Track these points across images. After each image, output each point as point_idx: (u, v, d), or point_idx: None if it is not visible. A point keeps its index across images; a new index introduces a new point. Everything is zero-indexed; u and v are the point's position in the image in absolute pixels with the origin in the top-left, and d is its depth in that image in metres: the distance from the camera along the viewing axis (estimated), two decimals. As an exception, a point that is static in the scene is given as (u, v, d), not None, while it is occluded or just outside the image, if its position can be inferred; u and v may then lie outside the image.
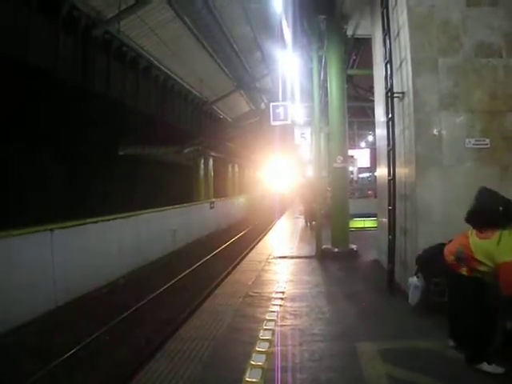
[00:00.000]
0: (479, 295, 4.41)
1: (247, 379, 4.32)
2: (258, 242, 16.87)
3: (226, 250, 18.85)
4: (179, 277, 13.32)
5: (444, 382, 4.13)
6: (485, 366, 4.33)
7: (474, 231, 4.54)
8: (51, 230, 10.05)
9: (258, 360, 4.76)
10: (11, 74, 11.22)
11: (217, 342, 5.38)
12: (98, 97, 16.21)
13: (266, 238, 16.99)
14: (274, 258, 11.20)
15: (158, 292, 11.62)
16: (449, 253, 4.73)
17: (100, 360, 7.65)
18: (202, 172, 26.49)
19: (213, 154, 27.30)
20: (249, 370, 4.52)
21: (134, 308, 10.17)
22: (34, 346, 7.92)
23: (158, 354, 5.25)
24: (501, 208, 4.41)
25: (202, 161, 26.32)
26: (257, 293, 7.75)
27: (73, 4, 13.90)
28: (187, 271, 14.13)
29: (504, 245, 4.20)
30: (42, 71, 12.77)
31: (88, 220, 11.68)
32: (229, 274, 11.25)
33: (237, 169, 38.24)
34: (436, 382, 4.14)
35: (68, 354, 7.53)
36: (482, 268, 4.33)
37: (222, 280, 10.87)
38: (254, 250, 13.62)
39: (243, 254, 15.55)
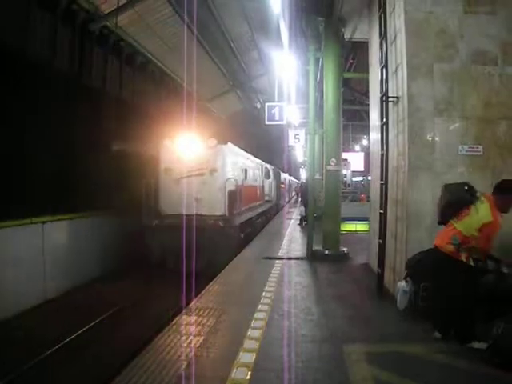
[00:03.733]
0: (473, 281, 5.13)
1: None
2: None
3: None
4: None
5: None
6: (476, 344, 4.98)
7: (455, 218, 5.25)
8: None
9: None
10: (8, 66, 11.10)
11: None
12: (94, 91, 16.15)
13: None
14: (264, 258, 11.17)
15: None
16: (446, 243, 5.24)
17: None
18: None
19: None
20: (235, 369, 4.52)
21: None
22: None
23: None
24: (466, 187, 5.27)
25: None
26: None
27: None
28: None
29: (481, 212, 5.01)
30: (39, 64, 12.65)
31: None
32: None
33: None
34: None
35: None
36: (475, 243, 5.04)
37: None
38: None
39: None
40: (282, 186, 37.76)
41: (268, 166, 25.44)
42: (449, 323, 5.30)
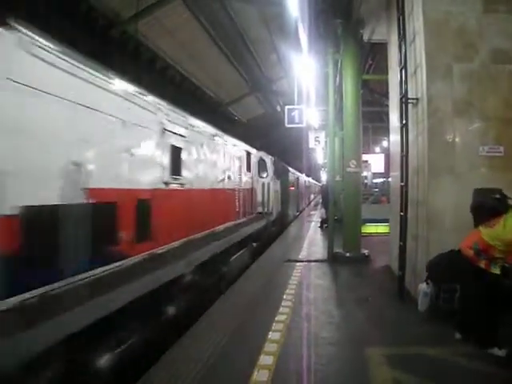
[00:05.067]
0: (493, 288, 4.94)
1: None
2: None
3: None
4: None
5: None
6: (495, 351, 4.86)
7: (483, 225, 5.14)
8: None
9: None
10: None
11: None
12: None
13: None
14: (286, 261, 11.16)
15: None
16: (467, 247, 5.22)
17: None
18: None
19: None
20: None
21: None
22: None
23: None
24: (498, 196, 5.19)
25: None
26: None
27: (91, 5, 14.03)
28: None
29: (509, 226, 4.85)
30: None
31: None
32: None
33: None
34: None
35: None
36: (498, 254, 4.94)
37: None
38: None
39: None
40: (292, 188, 25.61)
41: (264, 155, 16.59)
42: (469, 326, 5.24)
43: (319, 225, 20.13)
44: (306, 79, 16.04)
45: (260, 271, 10.04)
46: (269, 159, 16.69)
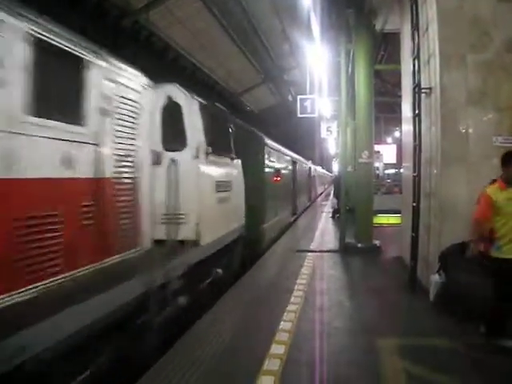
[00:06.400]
0: (498, 274, 4.84)
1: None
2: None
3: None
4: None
5: (462, 381, 4.12)
6: (504, 342, 4.80)
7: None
8: None
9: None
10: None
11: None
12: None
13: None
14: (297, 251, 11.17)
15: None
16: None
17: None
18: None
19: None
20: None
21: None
22: None
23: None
24: None
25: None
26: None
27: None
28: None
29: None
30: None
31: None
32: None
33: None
34: (454, 380, 4.13)
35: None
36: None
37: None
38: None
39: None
40: (277, 178, 14.86)
41: (174, 90, 6.47)
42: (477, 316, 5.20)
43: (331, 215, 19.99)
44: (318, 69, 16.00)
45: (273, 260, 10.05)
46: (193, 103, 6.68)
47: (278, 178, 14.93)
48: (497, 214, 4.88)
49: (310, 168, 29.70)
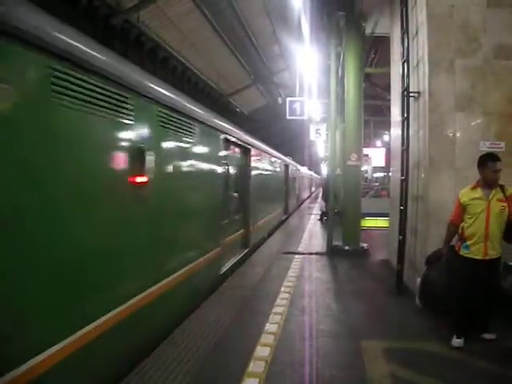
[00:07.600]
0: (466, 273, 5.02)
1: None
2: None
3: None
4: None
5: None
6: (487, 335, 5.14)
7: None
8: None
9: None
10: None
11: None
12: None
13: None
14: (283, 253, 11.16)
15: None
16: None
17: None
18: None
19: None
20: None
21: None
22: None
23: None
24: None
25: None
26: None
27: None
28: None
29: None
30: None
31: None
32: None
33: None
34: (439, 383, 4.14)
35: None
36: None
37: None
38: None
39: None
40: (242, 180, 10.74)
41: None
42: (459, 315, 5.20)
43: (319, 217, 20.04)
44: (308, 71, 16.02)
45: (259, 262, 10.03)
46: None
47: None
48: (466, 214, 5.06)
49: (299, 169, 29.38)
